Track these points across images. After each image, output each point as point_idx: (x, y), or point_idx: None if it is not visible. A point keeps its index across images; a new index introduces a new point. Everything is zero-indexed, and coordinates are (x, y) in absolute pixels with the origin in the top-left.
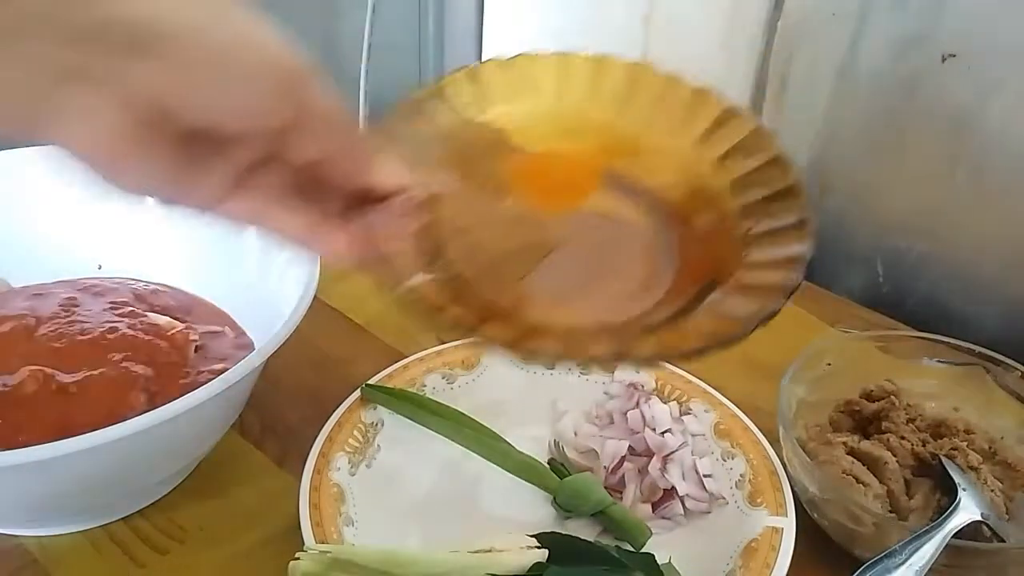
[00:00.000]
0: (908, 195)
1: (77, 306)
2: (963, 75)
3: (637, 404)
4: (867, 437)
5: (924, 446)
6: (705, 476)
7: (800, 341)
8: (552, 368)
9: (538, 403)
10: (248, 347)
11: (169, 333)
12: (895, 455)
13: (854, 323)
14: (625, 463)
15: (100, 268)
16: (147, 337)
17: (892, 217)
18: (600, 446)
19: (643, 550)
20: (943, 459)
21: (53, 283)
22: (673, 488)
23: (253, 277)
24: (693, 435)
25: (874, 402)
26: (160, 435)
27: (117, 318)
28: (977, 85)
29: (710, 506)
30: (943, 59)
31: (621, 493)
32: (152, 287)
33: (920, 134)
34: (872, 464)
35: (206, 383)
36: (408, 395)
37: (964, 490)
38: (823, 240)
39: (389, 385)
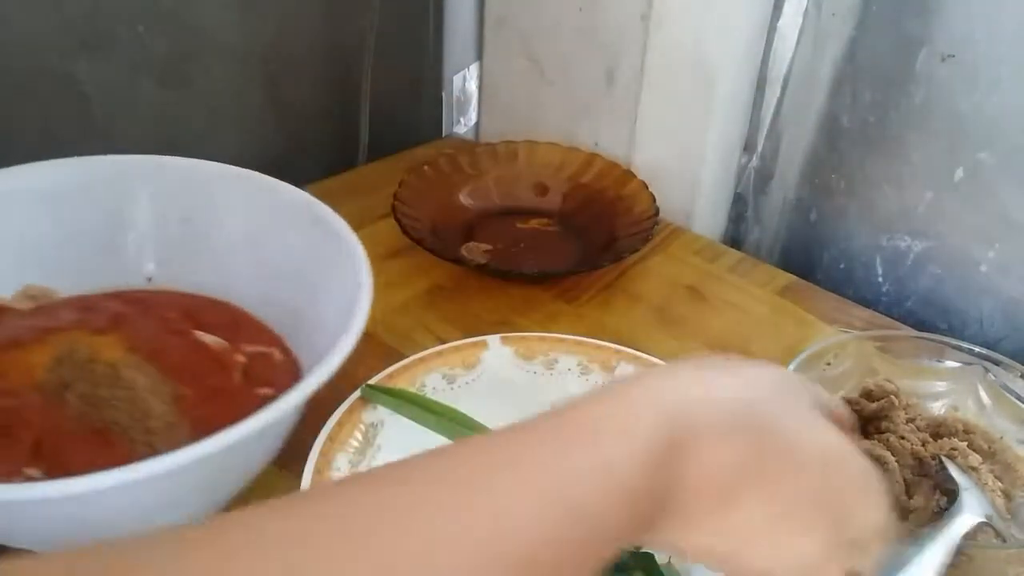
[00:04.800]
0: (908, 195)
1: (127, 321)
2: (963, 75)
3: None
4: (867, 437)
5: (924, 446)
6: None
7: (800, 341)
8: (552, 368)
9: (538, 403)
10: (294, 370)
11: (216, 354)
12: (895, 455)
13: (854, 323)
14: None
15: (150, 281)
16: (194, 358)
17: (892, 217)
18: None
19: (642, 549)
20: (943, 459)
21: (101, 295)
22: None
23: (301, 294)
24: None
25: (874, 401)
26: (198, 470)
27: (165, 335)
28: (977, 85)
29: None
30: (943, 59)
31: None
32: (200, 302)
33: (920, 134)
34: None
35: (252, 410)
36: (409, 395)
37: (965, 490)
38: (823, 240)
39: (390, 385)
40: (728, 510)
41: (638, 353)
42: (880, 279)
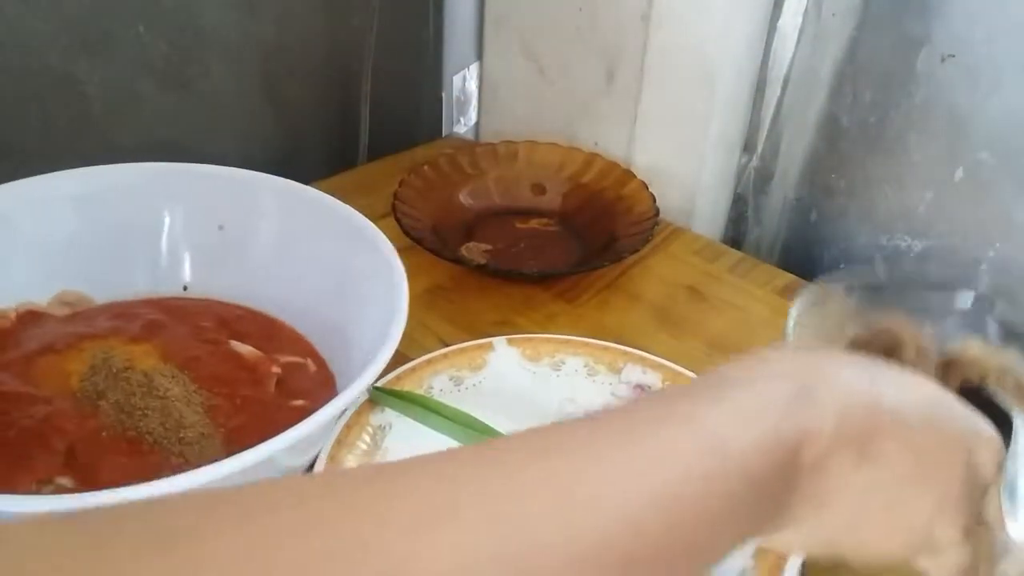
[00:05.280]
0: (908, 194)
1: (162, 329)
2: (963, 75)
3: None
4: None
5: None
6: None
7: None
8: (559, 370)
9: (545, 404)
10: (328, 382)
11: (251, 364)
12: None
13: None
14: None
15: (186, 289)
16: (228, 367)
17: (892, 217)
18: None
19: None
20: (989, 388)
21: (137, 301)
22: None
23: (336, 305)
24: None
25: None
26: (231, 483)
27: (199, 344)
28: (976, 85)
29: None
30: (943, 59)
31: None
32: (236, 311)
33: (920, 134)
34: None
35: (285, 422)
36: (416, 397)
37: (1018, 417)
38: (823, 240)
39: (397, 387)
40: (861, 468)
41: (644, 354)
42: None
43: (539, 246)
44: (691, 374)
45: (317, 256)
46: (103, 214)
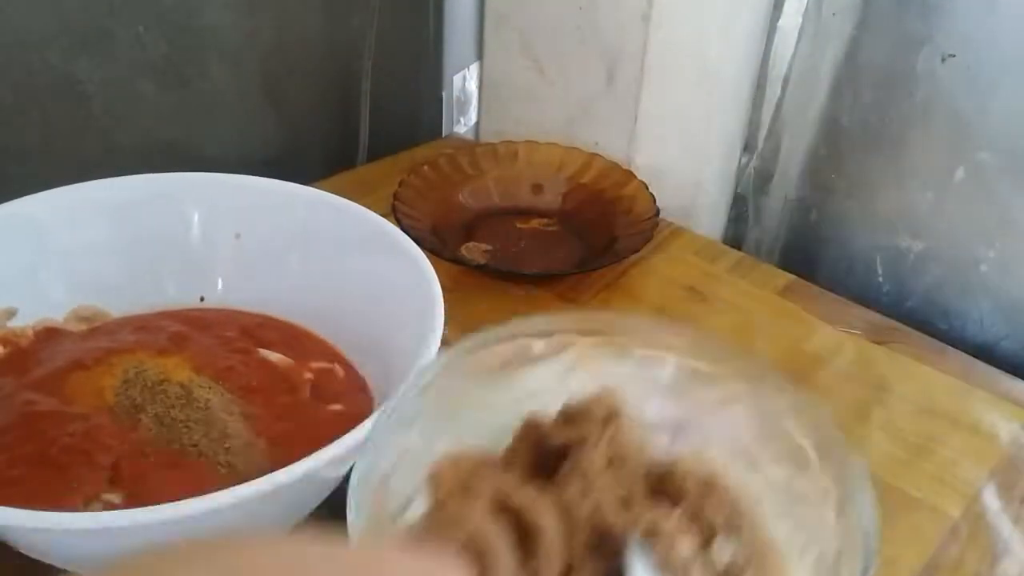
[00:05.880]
0: (908, 194)
1: (188, 340)
2: (963, 75)
3: None
4: (554, 479)
5: (628, 508)
6: None
7: (800, 341)
8: None
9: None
10: (360, 386)
11: (283, 372)
12: (570, 519)
13: (854, 323)
14: None
15: (203, 300)
16: (261, 375)
17: (892, 217)
18: None
19: None
20: (632, 542)
21: (156, 314)
22: None
23: (362, 308)
24: None
25: (569, 426)
26: (292, 490)
27: (229, 354)
28: (977, 85)
29: None
30: (943, 59)
31: None
32: (256, 319)
33: (920, 134)
34: (525, 534)
35: (327, 427)
36: None
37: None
38: (823, 240)
39: None
40: None
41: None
42: (880, 279)
43: (539, 246)
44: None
45: (340, 261)
46: (116, 227)
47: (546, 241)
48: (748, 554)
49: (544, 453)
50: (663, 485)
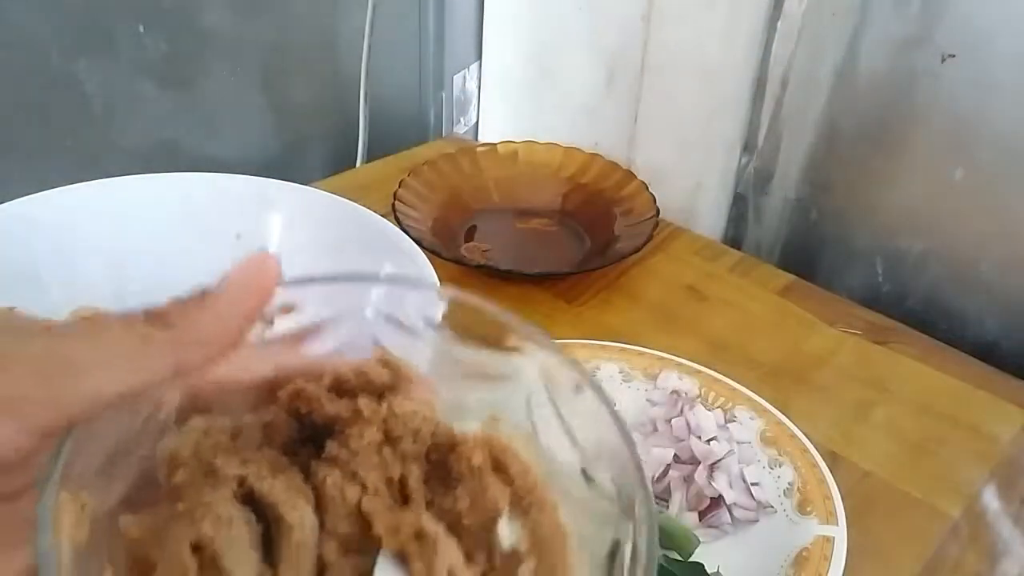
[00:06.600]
0: (908, 194)
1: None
2: (963, 75)
3: (681, 411)
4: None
5: (405, 499)
6: (752, 484)
7: (800, 341)
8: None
9: None
10: None
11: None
12: (323, 510)
13: (854, 323)
14: (671, 471)
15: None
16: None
17: (892, 217)
18: (645, 454)
19: (691, 559)
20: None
21: None
22: (720, 496)
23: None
24: (739, 443)
25: (343, 396)
26: None
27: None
28: (977, 85)
29: (757, 515)
30: (943, 59)
31: (667, 502)
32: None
33: (920, 134)
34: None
35: None
36: None
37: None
38: (823, 240)
39: None
40: None
41: (681, 360)
42: (880, 279)
43: (539, 246)
44: (728, 380)
45: (340, 261)
46: (131, 224)
47: (546, 241)
48: (534, 540)
49: (311, 426)
50: (446, 465)
